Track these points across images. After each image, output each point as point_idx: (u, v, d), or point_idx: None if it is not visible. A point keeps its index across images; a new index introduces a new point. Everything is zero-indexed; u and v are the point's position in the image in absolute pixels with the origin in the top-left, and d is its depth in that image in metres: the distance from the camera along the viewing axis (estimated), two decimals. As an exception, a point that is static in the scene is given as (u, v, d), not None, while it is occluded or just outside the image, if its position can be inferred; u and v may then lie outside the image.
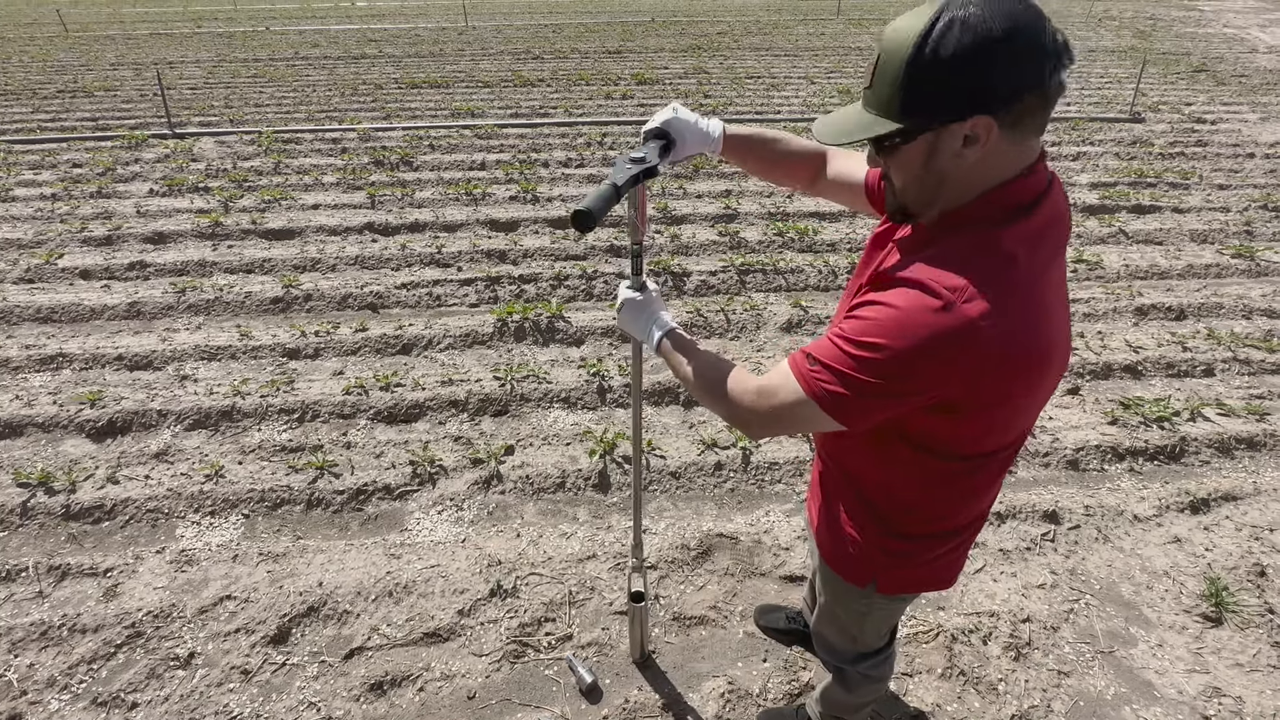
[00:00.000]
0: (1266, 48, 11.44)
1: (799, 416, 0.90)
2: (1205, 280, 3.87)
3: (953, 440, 0.91)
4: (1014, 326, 0.78)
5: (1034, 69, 0.74)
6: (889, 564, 1.09)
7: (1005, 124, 0.77)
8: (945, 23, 0.74)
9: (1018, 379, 0.82)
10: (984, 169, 0.80)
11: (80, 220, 4.51)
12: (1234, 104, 7.59)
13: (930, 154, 0.81)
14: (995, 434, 0.91)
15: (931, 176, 0.82)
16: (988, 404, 0.85)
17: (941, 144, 0.79)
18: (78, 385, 2.95)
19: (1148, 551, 2.18)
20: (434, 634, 1.91)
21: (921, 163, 0.82)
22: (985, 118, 0.76)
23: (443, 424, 2.75)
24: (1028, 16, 0.74)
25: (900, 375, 0.80)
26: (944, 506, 1.01)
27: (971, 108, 0.76)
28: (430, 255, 4.05)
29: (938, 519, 1.03)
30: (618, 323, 1.25)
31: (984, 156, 0.79)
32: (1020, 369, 0.81)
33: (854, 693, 1.42)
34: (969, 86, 0.75)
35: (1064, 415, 2.77)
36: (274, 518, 2.33)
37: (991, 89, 0.75)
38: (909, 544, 1.06)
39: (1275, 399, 2.88)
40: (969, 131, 0.77)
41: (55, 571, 2.10)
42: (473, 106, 7.23)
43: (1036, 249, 0.82)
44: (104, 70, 9.29)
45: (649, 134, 1.16)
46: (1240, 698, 1.75)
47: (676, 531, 2.24)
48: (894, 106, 0.80)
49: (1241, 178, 5.35)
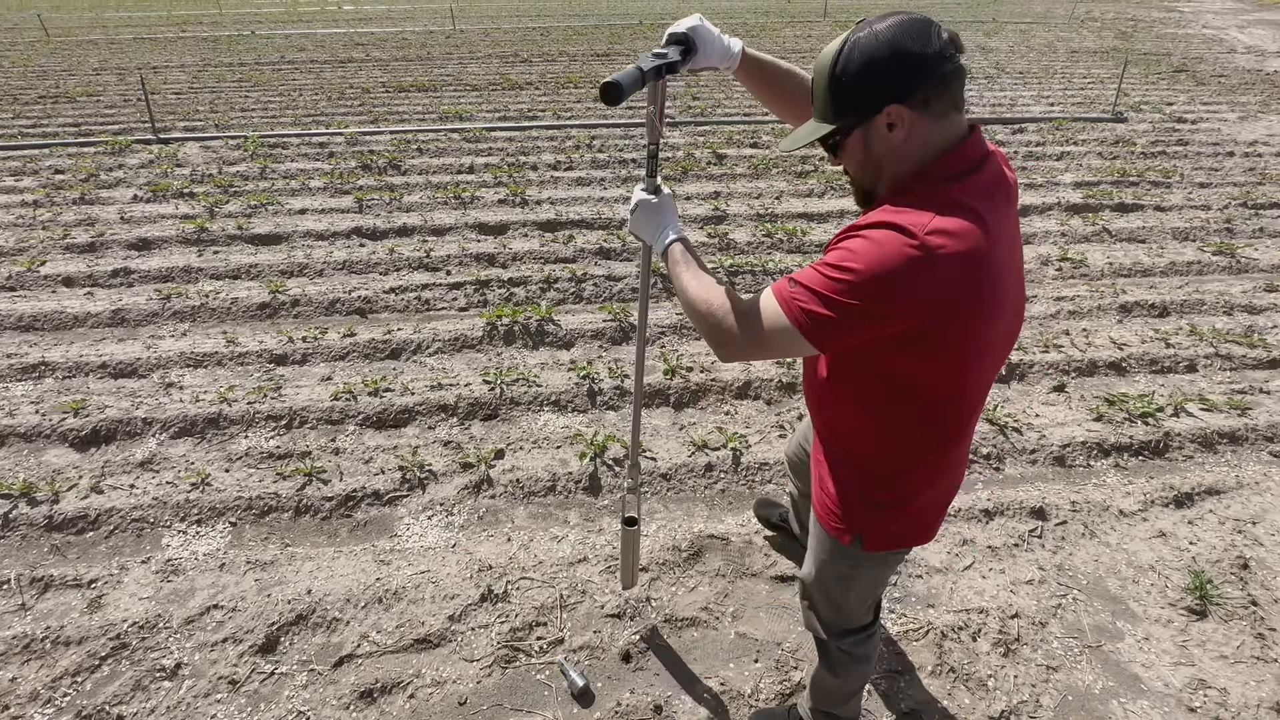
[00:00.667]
0: (1244, 48, 11.62)
1: (776, 339, 1.01)
2: (1187, 277, 3.93)
3: (923, 382, 1.03)
4: (970, 258, 0.92)
5: (920, 67, 0.94)
6: (873, 517, 1.18)
7: (915, 107, 0.95)
8: (848, 47, 0.97)
9: (974, 307, 0.95)
10: (915, 144, 0.98)
11: (63, 227, 4.45)
12: (1213, 103, 7.71)
13: (867, 142, 1.01)
14: (958, 376, 1.03)
15: (872, 159, 1.02)
16: (949, 340, 0.97)
17: (871, 133, 0.99)
18: (60, 394, 2.91)
19: (1133, 546, 2.20)
20: (424, 640, 1.90)
21: (862, 150, 1.02)
22: (896, 106, 0.95)
23: (432, 429, 2.74)
24: (912, 29, 0.94)
25: (873, 297, 0.92)
26: (920, 454, 1.13)
27: (881, 102, 0.96)
28: (419, 259, 4.03)
29: (915, 468, 1.14)
30: (629, 225, 1.31)
31: (910, 135, 0.97)
32: (975, 296, 0.94)
33: (840, 675, 1.45)
34: (874, 88, 0.95)
35: (1050, 412, 2.80)
36: (261, 525, 2.31)
37: (891, 86, 0.95)
38: (891, 494, 1.16)
39: (1256, 393, 2.92)
40: (889, 120, 0.97)
41: (38, 583, 2.07)
42: (461, 110, 7.21)
43: (985, 200, 0.97)
44: (87, 75, 9.19)
45: (673, 37, 1.22)
46: (1225, 689, 1.77)
47: (668, 533, 2.24)
48: (829, 113, 1.01)
49: (1221, 176, 5.43)
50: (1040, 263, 4.05)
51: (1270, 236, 4.41)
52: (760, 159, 5.65)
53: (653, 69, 1.14)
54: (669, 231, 1.22)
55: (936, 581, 2.08)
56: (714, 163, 5.60)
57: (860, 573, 1.28)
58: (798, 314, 0.97)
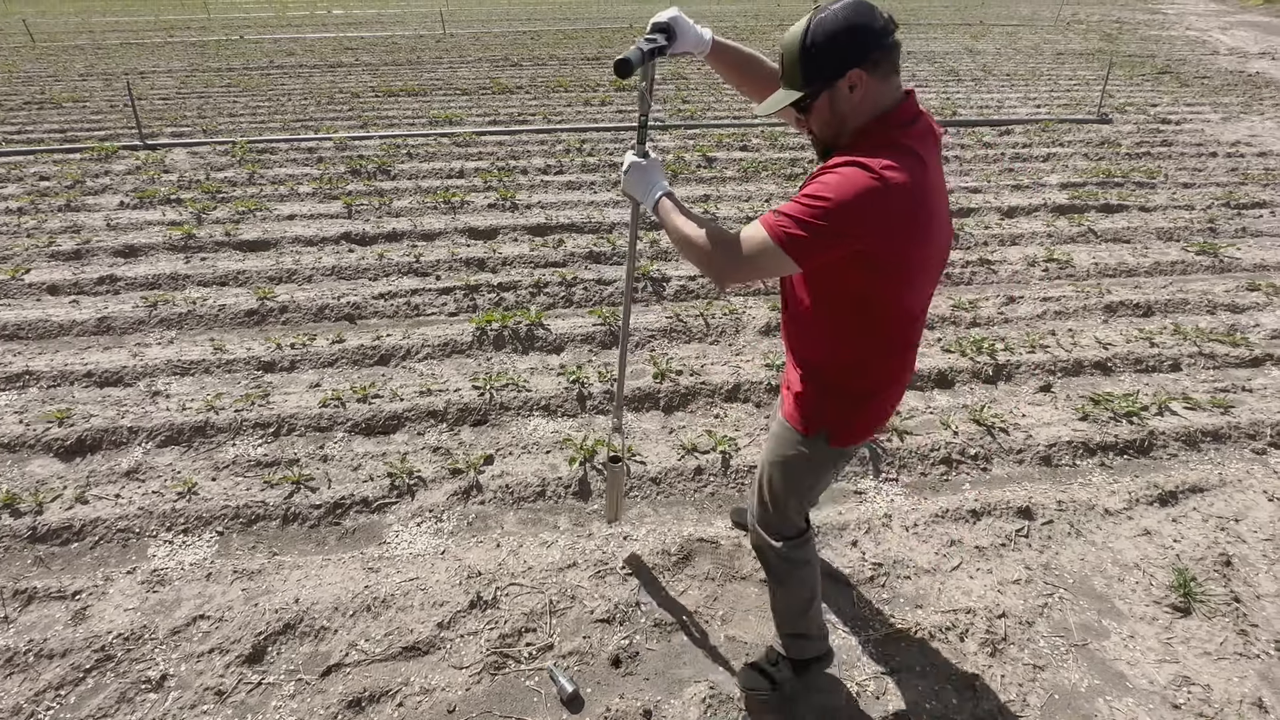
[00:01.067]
0: (1227, 50, 11.77)
1: (763, 258, 1.20)
2: (1171, 277, 3.97)
3: (876, 298, 1.27)
4: (915, 189, 1.16)
5: (871, 38, 1.17)
6: (838, 414, 1.41)
7: (869, 70, 1.18)
8: (814, 25, 1.18)
9: (915, 233, 1.20)
10: (869, 102, 1.21)
11: (48, 234, 4.42)
12: (1197, 104, 7.80)
13: (832, 102, 1.22)
14: (903, 291, 1.28)
15: (836, 117, 1.24)
16: (895, 260, 1.21)
17: (836, 94, 1.21)
18: (45, 403, 2.88)
19: (1118, 544, 2.22)
20: (413, 648, 1.89)
21: (829, 109, 1.23)
22: (856, 70, 1.17)
23: (421, 435, 2.73)
24: (861, 8, 1.17)
25: (842, 218, 1.14)
26: (875, 361, 1.37)
27: (845, 67, 1.18)
28: (408, 264, 4.02)
29: (872, 373, 1.38)
30: (622, 185, 1.50)
31: (865, 94, 1.20)
32: (918, 224, 1.19)
33: (787, 584, 1.62)
34: (837, 56, 1.18)
35: (1036, 412, 2.82)
36: (249, 534, 2.30)
37: (850, 54, 1.17)
38: (854, 393, 1.40)
39: (1239, 392, 2.95)
40: (850, 82, 1.19)
41: (21, 596, 2.05)
42: (451, 114, 7.20)
43: (921, 144, 1.21)
44: (73, 81, 9.12)
45: (656, 25, 1.42)
46: (1208, 685, 1.79)
47: (657, 537, 2.24)
48: (799, 81, 1.22)
49: (1205, 176, 5.50)
50: (1027, 263, 4.08)
51: (1252, 236, 4.47)
52: (750, 162, 5.67)
53: (649, 50, 1.36)
54: (657, 189, 1.41)
55: (924, 582, 2.09)
56: (704, 165, 5.62)
57: (812, 469, 1.49)
58: (780, 235, 1.17)
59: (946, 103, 7.87)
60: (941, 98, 8.19)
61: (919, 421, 2.76)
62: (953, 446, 2.61)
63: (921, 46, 12.25)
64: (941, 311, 3.56)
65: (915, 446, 2.61)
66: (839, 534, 2.25)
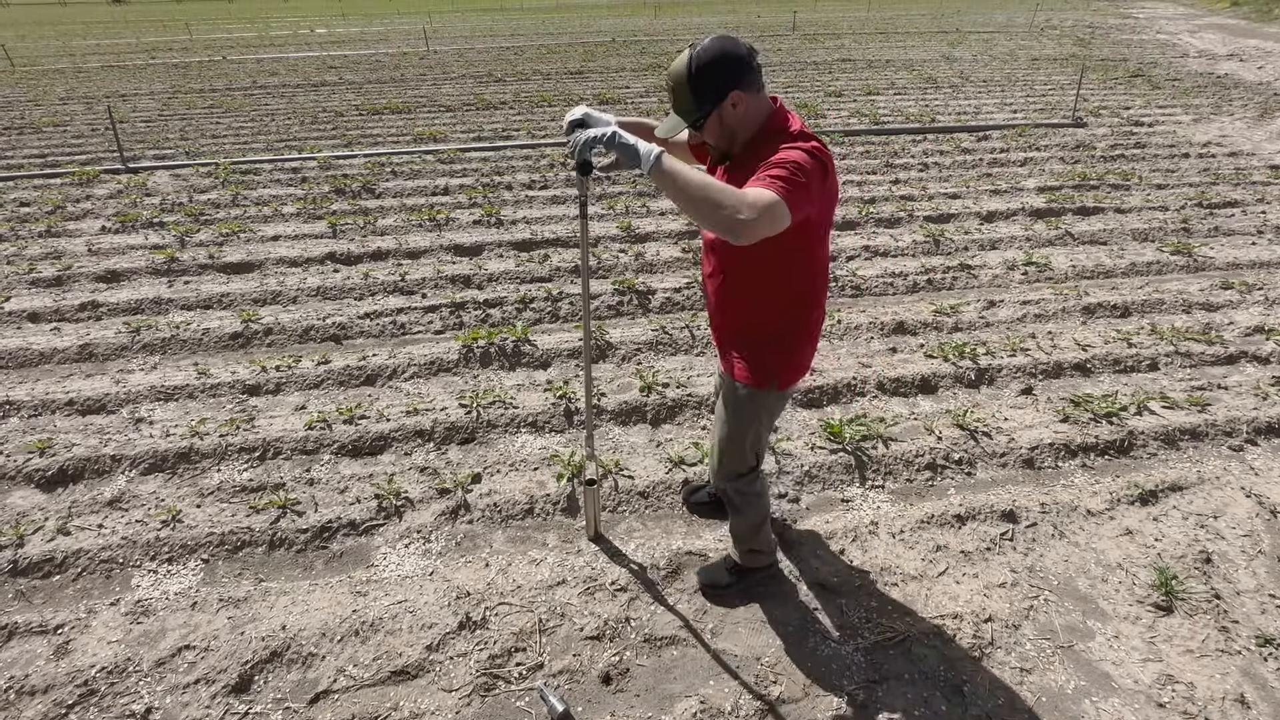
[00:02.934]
0: (1197, 52, 12.04)
1: (772, 213, 1.34)
2: (1147, 277, 4.04)
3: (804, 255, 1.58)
4: (831, 163, 1.48)
5: (742, 63, 1.46)
6: (781, 363, 1.69)
7: (745, 89, 1.47)
8: (694, 59, 1.46)
9: (834, 197, 1.52)
10: (751, 116, 1.51)
11: (28, 261, 4.38)
12: (1168, 106, 7.97)
13: (721, 120, 1.51)
14: (820, 249, 1.61)
15: (726, 130, 1.52)
16: (820, 221, 1.52)
17: (723, 112, 1.49)
18: (25, 434, 2.85)
19: (1101, 545, 2.25)
20: (402, 671, 1.88)
21: (719, 125, 1.52)
22: (736, 91, 1.46)
23: (408, 455, 2.73)
24: (728, 42, 1.46)
25: (815, 180, 1.41)
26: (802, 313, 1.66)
27: (726, 90, 1.46)
28: (394, 283, 4.02)
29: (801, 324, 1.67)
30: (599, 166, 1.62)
31: (746, 109, 1.50)
32: (832, 190, 1.51)
33: (744, 512, 1.94)
34: (719, 81, 1.46)
35: (1018, 415, 2.86)
36: (235, 561, 2.28)
37: (728, 79, 1.46)
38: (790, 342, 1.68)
39: (1215, 389, 3.01)
40: (733, 101, 1.47)
41: (1, 632, 2.02)
42: (435, 131, 7.23)
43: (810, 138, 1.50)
44: (53, 105, 9.08)
45: (572, 123, 1.60)
46: (1192, 683, 1.81)
47: (646, 552, 2.24)
48: (691, 106, 1.49)
49: (1178, 177, 5.61)
50: (1006, 267, 4.14)
51: (1225, 235, 4.56)
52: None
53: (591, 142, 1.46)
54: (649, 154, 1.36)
55: (911, 589, 2.10)
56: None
57: (767, 414, 1.77)
58: (783, 192, 1.36)
59: (925, 110, 8.00)
60: (920, 105, 8.32)
61: (903, 428, 2.79)
62: (937, 452, 2.64)
63: (899, 55, 12.44)
64: (923, 317, 3.61)
65: (900, 453, 2.63)
66: (826, 542, 2.27)
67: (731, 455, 1.83)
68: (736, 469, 1.85)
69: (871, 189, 5.47)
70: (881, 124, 7.34)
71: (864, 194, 5.33)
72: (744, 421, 1.77)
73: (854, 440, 2.69)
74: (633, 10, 26.49)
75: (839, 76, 10.35)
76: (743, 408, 1.76)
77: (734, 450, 1.82)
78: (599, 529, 2.31)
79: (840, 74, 10.58)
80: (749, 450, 1.82)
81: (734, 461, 1.84)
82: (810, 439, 2.73)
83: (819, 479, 2.55)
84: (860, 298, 3.91)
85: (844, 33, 15.79)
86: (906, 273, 4.09)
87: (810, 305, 1.65)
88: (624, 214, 5.03)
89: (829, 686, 1.82)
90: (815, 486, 2.53)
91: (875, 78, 10.17)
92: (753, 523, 1.96)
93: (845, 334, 3.50)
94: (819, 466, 2.58)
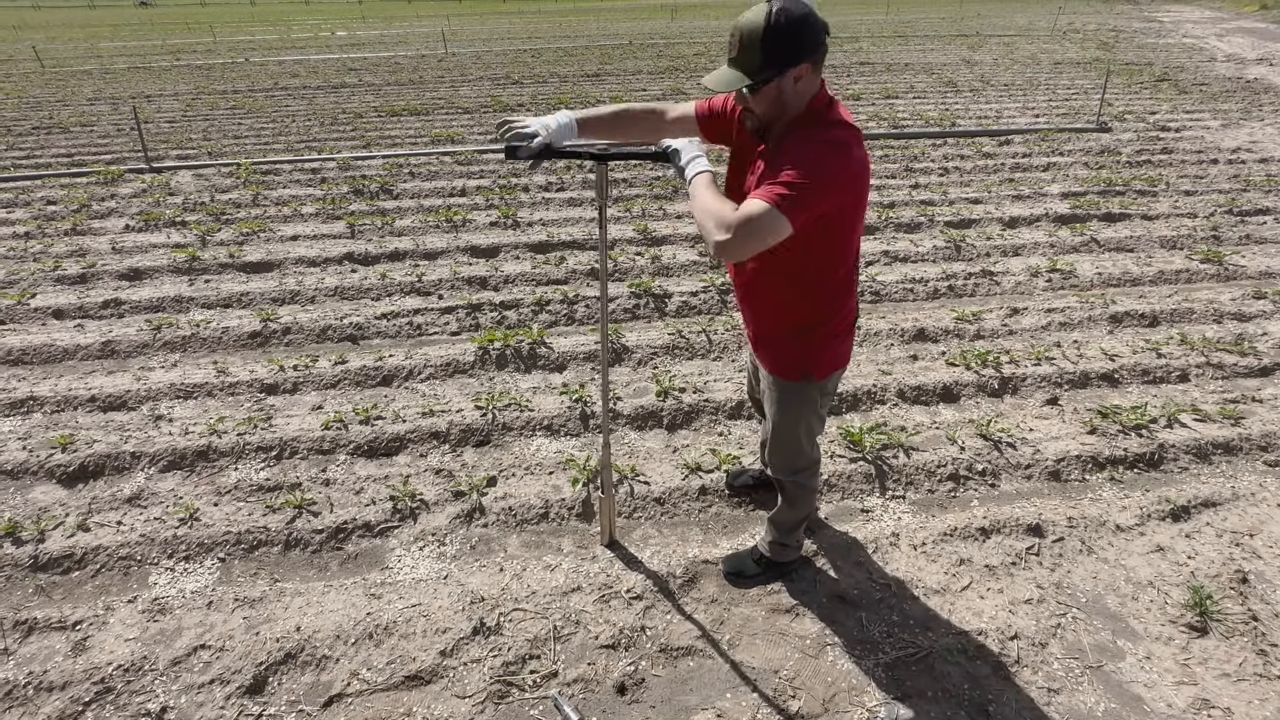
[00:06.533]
0: (1224, 56, 11.80)
1: (766, 226, 1.34)
2: (1176, 286, 3.95)
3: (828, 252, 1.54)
4: (860, 154, 1.43)
5: (819, 36, 1.36)
6: (813, 354, 1.67)
7: (814, 65, 1.38)
8: (777, 12, 1.32)
9: (861, 189, 1.46)
10: (805, 93, 1.43)
11: (54, 259, 4.45)
12: (1196, 111, 7.81)
13: (779, 90, 1.41)
14: (849, 243, 1.55)
15: (779, 104, 1.43)
16: (846, 216, 1.46)
17: (784, 84, 1.40)
18: (49, 429, 2.88)
19: (1131, 562, 2.18)
20: (415, 676, 1.87)
21: (775, 96, 1.42)
22: (805, 64, 1.37)
23: (424, 456, 2.72)
24: (812, 9, 1.34)
25: (821, 182, 1.36)
26: (831, 304, 1.63)
27: (799, 58, 1.36)
28: (410, 284, 4.03)
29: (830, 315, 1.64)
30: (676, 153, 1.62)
31: (806, 88, 1.42)
32: (860, 186, 1.45)
33: (795, 506, 1.95)
34: (795, 47, 1.35)
35: (1043, 426, 2.79)
36: (250, 560, 2.28)
37: (804, 48, 1.35)
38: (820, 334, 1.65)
39: (1249, 402, 2.92)
40: (797, 75, 1.38)
41: (21, 626, 2.03)
42: (453, 133, 7.27)
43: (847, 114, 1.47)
44: (80, 105, 9.26)
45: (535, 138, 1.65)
46: (1229, 709, 1.74)
47: (662, 559, 2.21)
48: (755, 65, 1.37)
49: (1206, 183, 5.49)
50: (1030, 274, 4.07)
51: (1257, 243, 4.45)
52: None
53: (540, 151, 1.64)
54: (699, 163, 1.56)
55: (934, 603, 2.05)
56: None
57: (808, 405, 1.75)
58: (777, 200, 1.33)
59: (945, 113, 7.90)
60: (940, 108, 8.23)
61: (925, 437, 2.74)
62: (960, 462, 2.58)
63: (919, 58, 12.33)
64: (945, 324, 3.55)
65: (922, 463, 2.58)
66: (846, 553, 2.22)
67: (785, 448, 1.83)
68: (795, 462, 1.86)
69: (891, 193, 5.40)
70: (900, 128, 7.27)
71: (883, 199, 5.26)
72: (788, 415, 1.77)
73: (874, 449, 2.64)
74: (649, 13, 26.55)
75: (857, 80, 10.27)
76: (783, 401, 1.76)
77: (785, 443, 1.82)
78: (614, 535, 2.28)
79: (859, 77, 10.50)
80: (803, 442, 1.81)
81: (791, 455, 1.84)
82: (829, 447, 2.68)
83: (838, 488, 2.50)
84: (880, 303, 3.86)
85: (862, 35, 15.68)
86: (927, 279, 4.03)
87: (840, 296, 1.63)
88: (640, 217, 5.01)
89: (850, 702, 1.78)
90: (835, 496, 2.48)
91: (894, 81, 10.08)
92: (798, 517, 1.99)
93: (865, 340, 3.44)
94: (838, 475, 2.53)
